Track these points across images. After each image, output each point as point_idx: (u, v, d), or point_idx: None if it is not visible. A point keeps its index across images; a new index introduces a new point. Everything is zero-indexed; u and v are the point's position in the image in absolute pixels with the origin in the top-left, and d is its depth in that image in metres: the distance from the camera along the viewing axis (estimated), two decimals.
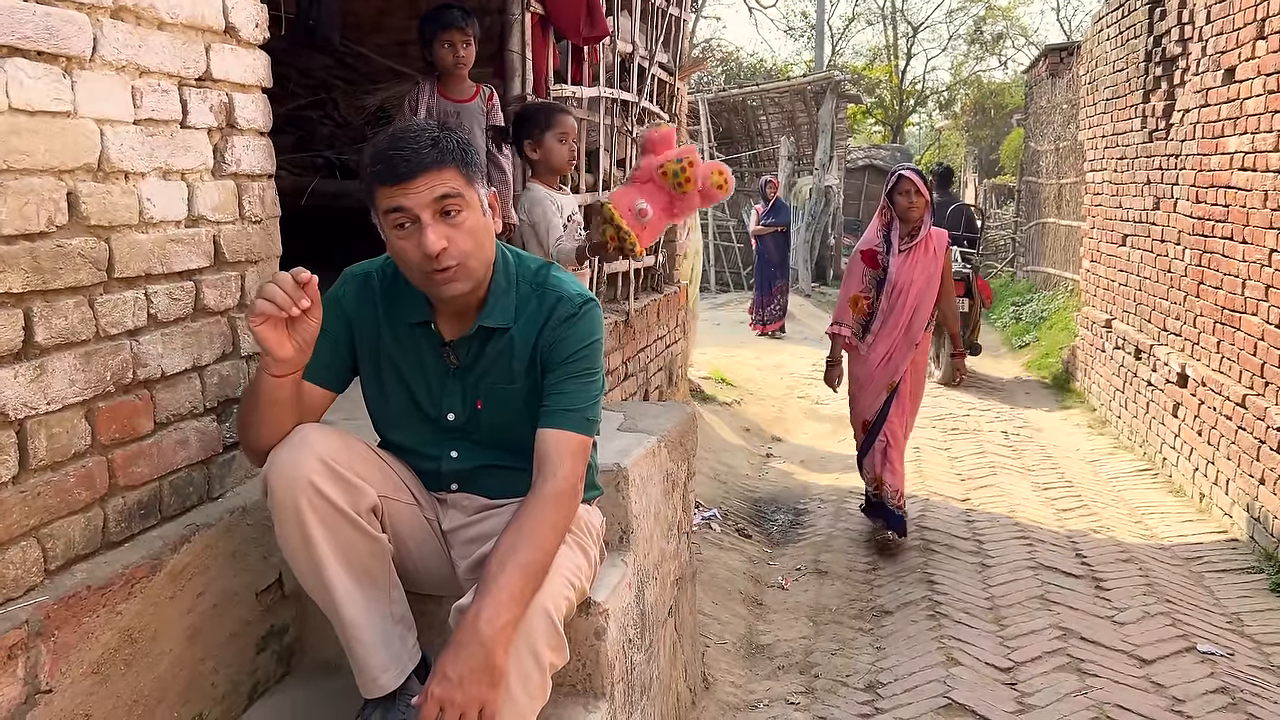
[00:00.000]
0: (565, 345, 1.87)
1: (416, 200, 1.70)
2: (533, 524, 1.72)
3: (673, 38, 5.72)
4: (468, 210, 1.76)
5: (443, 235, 1.72)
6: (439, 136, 1.74)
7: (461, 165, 1.75)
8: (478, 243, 1.78)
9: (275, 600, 2.13)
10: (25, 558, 1.57)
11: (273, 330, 1.67)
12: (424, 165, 1.70)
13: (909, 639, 3.70)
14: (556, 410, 1.84)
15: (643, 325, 5.18)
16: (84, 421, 1.68)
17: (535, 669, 1.67)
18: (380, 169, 1.71)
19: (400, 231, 1.73)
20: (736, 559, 4.54)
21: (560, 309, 1.88)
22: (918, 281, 4.54)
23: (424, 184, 1.70)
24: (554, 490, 1.77)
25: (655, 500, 2.63)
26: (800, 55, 33.27)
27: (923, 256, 4.57)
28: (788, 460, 6.56)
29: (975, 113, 31.35)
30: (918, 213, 4.54)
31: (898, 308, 4.55)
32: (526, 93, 3.89)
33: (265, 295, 1.65)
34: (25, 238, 1.54)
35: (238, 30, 2.02)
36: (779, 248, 11.81)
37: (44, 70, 1.57)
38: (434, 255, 1.70)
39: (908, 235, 4.58)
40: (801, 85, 15.87)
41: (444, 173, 1.72)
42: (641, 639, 2.41)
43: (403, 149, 1.70)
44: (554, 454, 1.80)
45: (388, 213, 1.72)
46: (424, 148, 1.71)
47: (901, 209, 4.54)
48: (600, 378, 1.93)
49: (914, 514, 5.13)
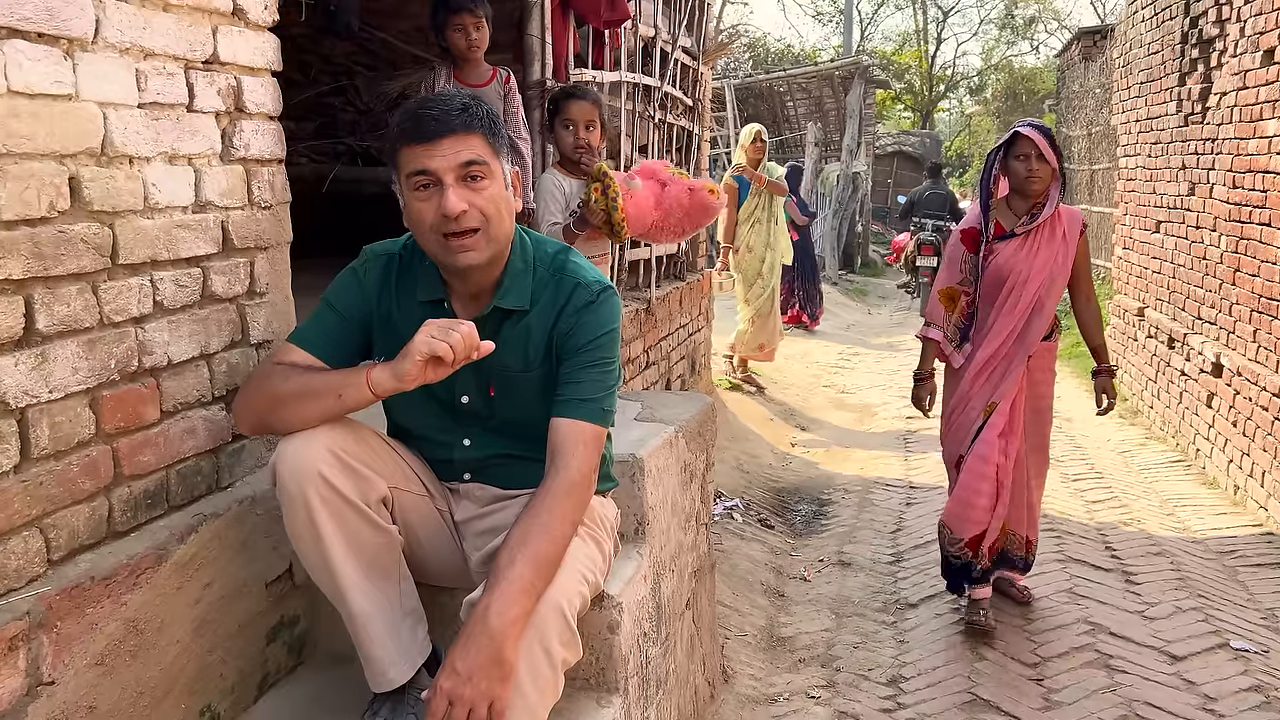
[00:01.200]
0: (582, 333, 1.83)
1: (442, 163, 1.68)
2: (545, 516, 1.68)
3: (696, 22, 5.65)
4: (491, 179, 1.73)
5: (464, 198, 1.69)
6: (469, 104, 1.74)
7: (489, 135, 1.73)
8: (498, 212, 1.75)
9: (286, 591, 2.11)
10: (27, 548, 1.55)
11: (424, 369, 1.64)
12: (452, 128, 1.68)
13: (933, 633, 3.64)
14: (571, 400, 1.80)
15: (664, 313, 5.13)
16: (88, 410, 1.65)
17: (546, 664, 1.63)
18: (409, 127, 1.69)
19: (421, 193, 1.70)
20: (758, 550, 4.49)
21: (578, 296, 1.84)
22: (1037, 275, 3.50)
23: (450, 147, 1.68)
24: (567, 481, 1.73)
25: (672, 491, 2.58)
26: (828, 40, 33.00)
27: (1046, 242, 3.52)
28: (812, 450, 6.49)
29: (1006, 98, 30.97)
30: (1041, 184, 3.46)
31: (1007, 308, 3.52)
32: (546, 77, 3.84)
33: (444, 339, 1.61)
34: (26, 223, 1.52)
35: (246, 12, 1.98)
36: (802, 241, 10.98)
37: (44, 52, 1.54)
38: (453, 216, 1.68)
39: (1027, 214, 3.53)
40: (829, 71, 15.71)
41: (471, 138, 1.70)
42: (657, 632, 2.37)
43: (432, 109, 1.70)
44: (568, 444, 1.76)
45: (411, 175, 1.70)
46: (454, 111, 1.70)
47: (1018, 178, 3.49)
48: (617, 367, 1.89)
49: (939, 506, 5.04)
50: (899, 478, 5.69)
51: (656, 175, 3.43)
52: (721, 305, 7.81)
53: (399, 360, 1.65)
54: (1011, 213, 3.58)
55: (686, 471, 2.72)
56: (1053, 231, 3.53)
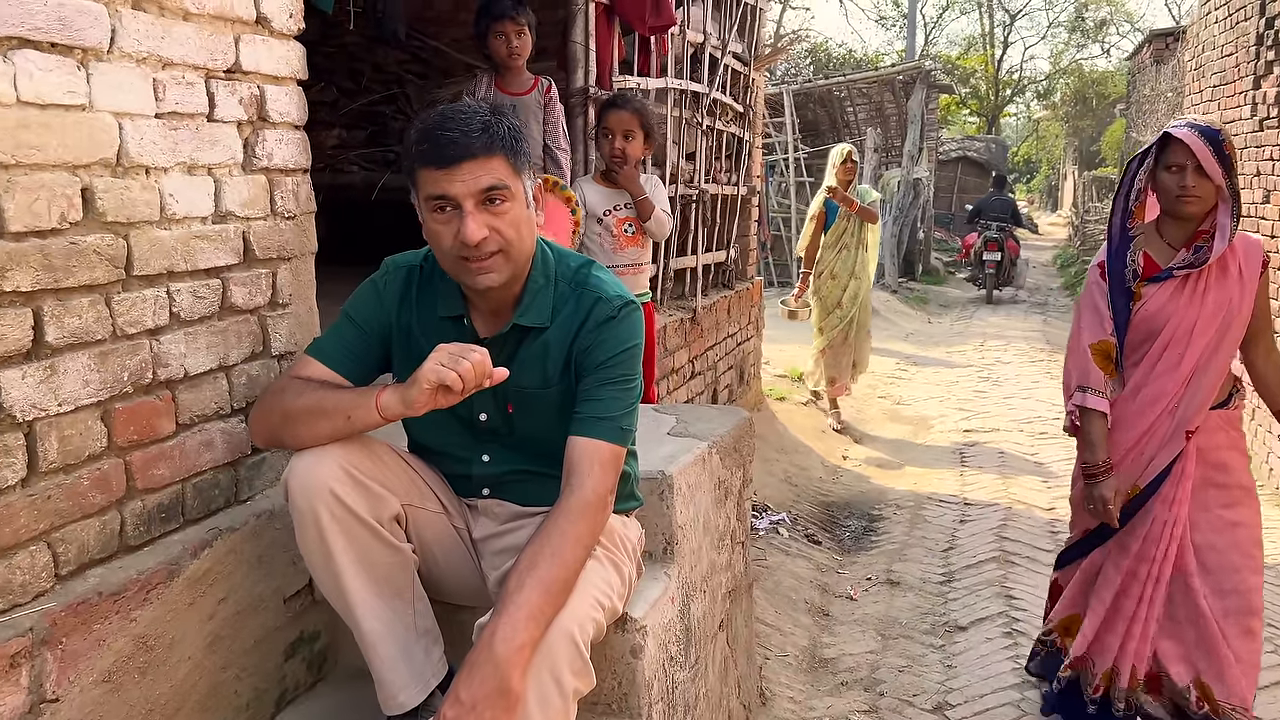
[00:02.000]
0: (602, 349, 1.77)
1: (461, 189, 1.62)
2: (556, 538, 1.62)
3: (748, 27, 5.57)
4: (512, 201, 1.68)
5: (484, 224, 1.64)
6: (490, 121, 1.65)
7: (510, 154, 1.67)
8: (519, 234, 1.69)
9: (305, 606, 2.08)
10: (34, 563, 1.53)
11: (433, 396, 1.59)
12: (472, 152, 1.62)
13: (982, 658, 3.51)
14: (589, 418, 1.74)
15: (711, 322, 5.05)
16: (99, 423, 1.63)
17: (556, 694, 1.57)
18: (426, 149, 1.63)
19: (439, 215, 1.65)
20: (804, 566, 4.38)
21: (598, 310, 1.78)
22: (1206, 326, 2.64)
23: (470, 172, 1.62)
24: (580, 502, 1.67)
25: (705, 509, 2.51)
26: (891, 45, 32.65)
27: (1217, 283, 2.64)
28: (865, 463, 6.35)
29: (1076, 102, 30.32)
30: (1198, 205, 2.61)
31: (1161, 368, 2.68)
32: (590, 85, 3.80)
33: (453, 367, 1.56)
34: (35, 235, 1.50)
35: (270, 21, 1.96)
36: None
37: (56, 62, 1.52)
38: (473, 244, 1.63)
39: (1187, 245, 2.66)
40: (890, 76, 15.47)
41: (492, 161, 1.64)
42: (685, 655, 2.30)
43: (451, 130, 1.62)
44: (583, 464, 1.70)
45: (430, 199, 1.65)
46: (474, 132, 1.62)
47: (1168, 197, 2.65)
48: (638, 384, 1.83)
49: (995, 524, 4.90)
50: (953, 493, 5.53)
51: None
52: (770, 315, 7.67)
53: (408, 386, 1.60)
54: (1164, 243, 2.71)
55: (721, 488, 2.64)
56: (1224, 269, 2.64)
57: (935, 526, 4.99)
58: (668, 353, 4.39)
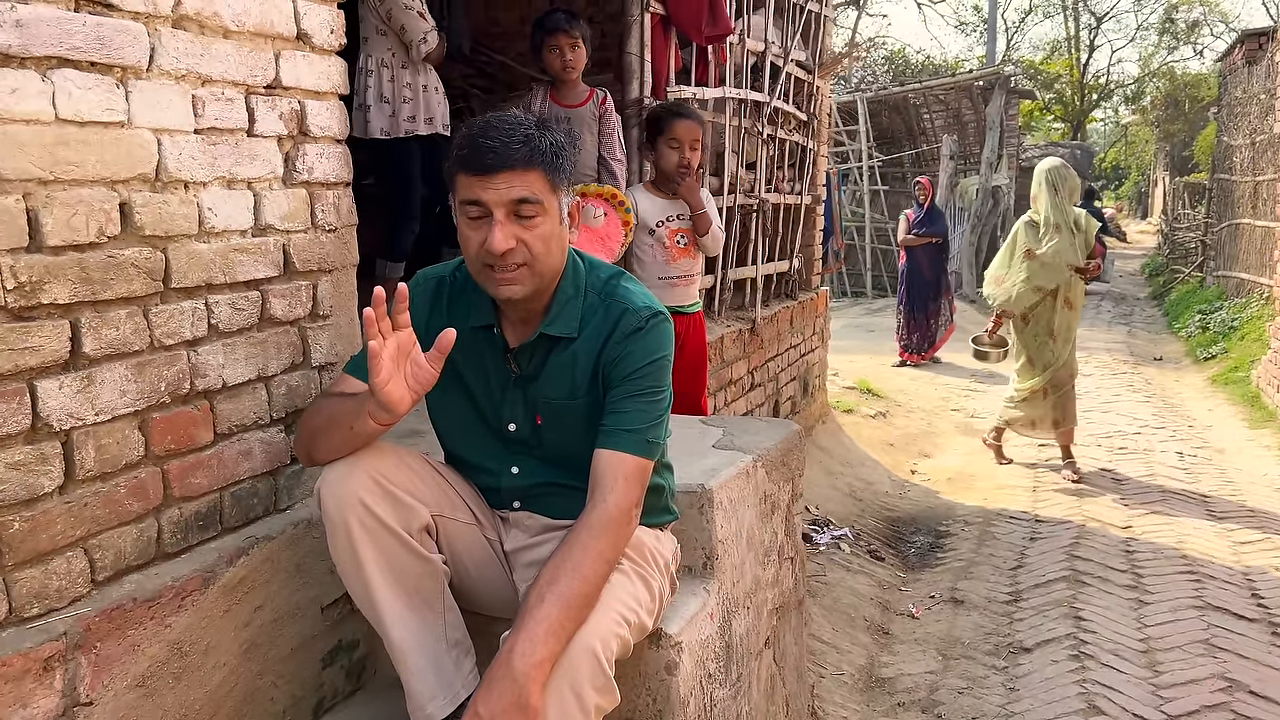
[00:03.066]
0: (629, 361, 1.75)
1: (494, 196, 1.64)
2: (578, 553, 1.61)
3: (813, 34, 5.51)
4: (544, 216, 1.68)
5: (511, 235, 1.65)
6: (533, 134, 1.66)
7: (549, 169, 1.67)
8: (546, 249, 1.70)
9: (344, 615, 2.09)
10: (70, 568, 1.57)
11: (396, 388, 1.61)
12: (509, 163, 1.63)
13: (1046, 680, 3.38)
14: (615, 430, 1.73)
15: (772, 333, 4.99)
16: (136, 432, 1.67)
17: (578, 710, 1.55)
18: (466, 154, 1.65)
19: (471, 221, 1.67)
20: (864, 583, 4.29)
21: (625, 322, 1.77)
22: None
23: (504, 182, 1.63)
24: (603, 517, 1.65)
25: (749, 524, 2.46)
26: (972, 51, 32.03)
27: None
28: (934, 478, 6.20)
29: (1167, 106, 29.36)
30: None
31: None
32: (645, 95, 3.79)
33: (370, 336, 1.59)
34: (73, 249, 1.54)
35: (310, 37, 1.99)
36: (934, 263, 9.82)
37: (95, 80, 1.57)
38: (497, 254, 1.64)
39: None
40: (968, 81, 15.17)
41: (528, 175, 1.65)
42: (725, 673, 2.26)
43: (493, 139, 1.64)
44: (607, 477, 1.69)
45: (463, 203, 1.67)
46: (515, 144, 1.64)
47: None
48: (666, 396, 1.80)
49: (1066, 542, 4.73)
50: (1024, 510, 5.36)
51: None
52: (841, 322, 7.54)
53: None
54: None
55: (767, 503, 2.60)
56: None
57: (1004, 544, 4.84)
58: (725, 364, 4.35)
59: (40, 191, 1.49)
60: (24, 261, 1.47)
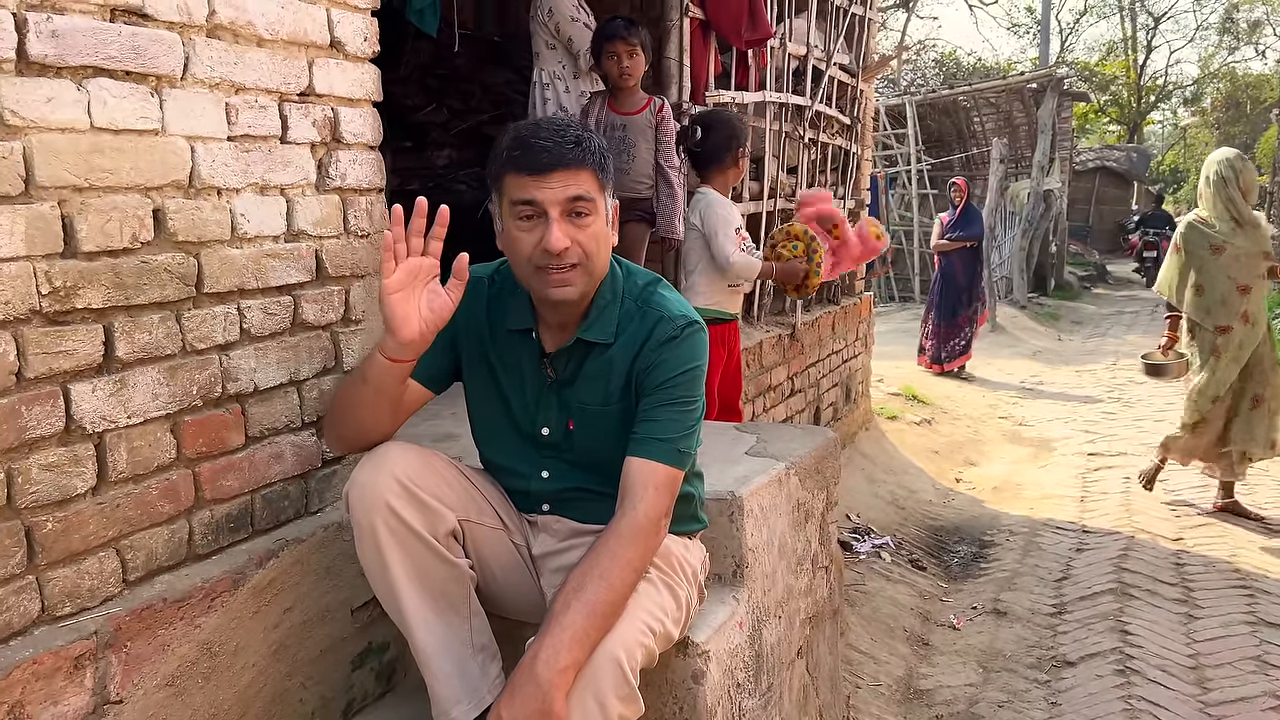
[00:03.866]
0: (663, 369, 1.75)
1: (549, 195, 1.64)
2: (605, 560, 1.60)
3: (856, 38, 5.46)
4: (595, 216, 1.69)
5: (567, 234, 1.65)
6: (583, 136, 1.68)
7: (599, 170, 1.69)
8: (597, 249, 1.70)
9: (374, 617, 2.10)
10: (102, 568, 1.60)
11: (403, 303, 1.62)
12: (564, 161, 1.64)
13: (1090, 696, 3.30)
14: (646, 439, 1.72)
15: (813, 339, 4.95)
16: (168, 435, 1.70)
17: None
18: (518, 155, 1.65)
19: (524, 223, 1.67)
20: (905, 593, 4.23)
21: (660, 330, 1.76)
22: None
23: (559, 180, 1.64)
24: (632, 525, 1.64)
25: (781, 532, 2.44)
26: (1025, 53, 31.52)
27: None
28: (979, 486, 6.11)
29: (1227, 108, 28.70)
30: None
31: None
32: (684, 100, 3.78)
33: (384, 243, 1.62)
34: (107, 254, 1.57)
35: (344, 45, 2.01)
36: (967, 267, 9.41)
37: (130, 89, 1.59)
38: (556, 252, 1.64)
39: None
40: (1019, 84, 14.94)
41: (581, 173, 1.66)
42: (755, 683, 2.24)
43: (546, 140, 1.64)
44: (638, 486, 1.68)
45: (516, 204, 1.66)
46: (567, 143, 1.65)
47: None
48: (699, 406, 1.79)
49: (1114, 554, 4.63)
50: (1072, 520, 5.26)
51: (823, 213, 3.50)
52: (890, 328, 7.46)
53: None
54: None
55: (800, 511, 2.57)
56: None
57: (1050, 555, 4.75)
58: (764, 369, 4.32)
59: (75, 198, 1.52)
60: (59, 267, 1.50)
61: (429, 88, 5.76)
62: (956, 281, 9.33)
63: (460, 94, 5.79)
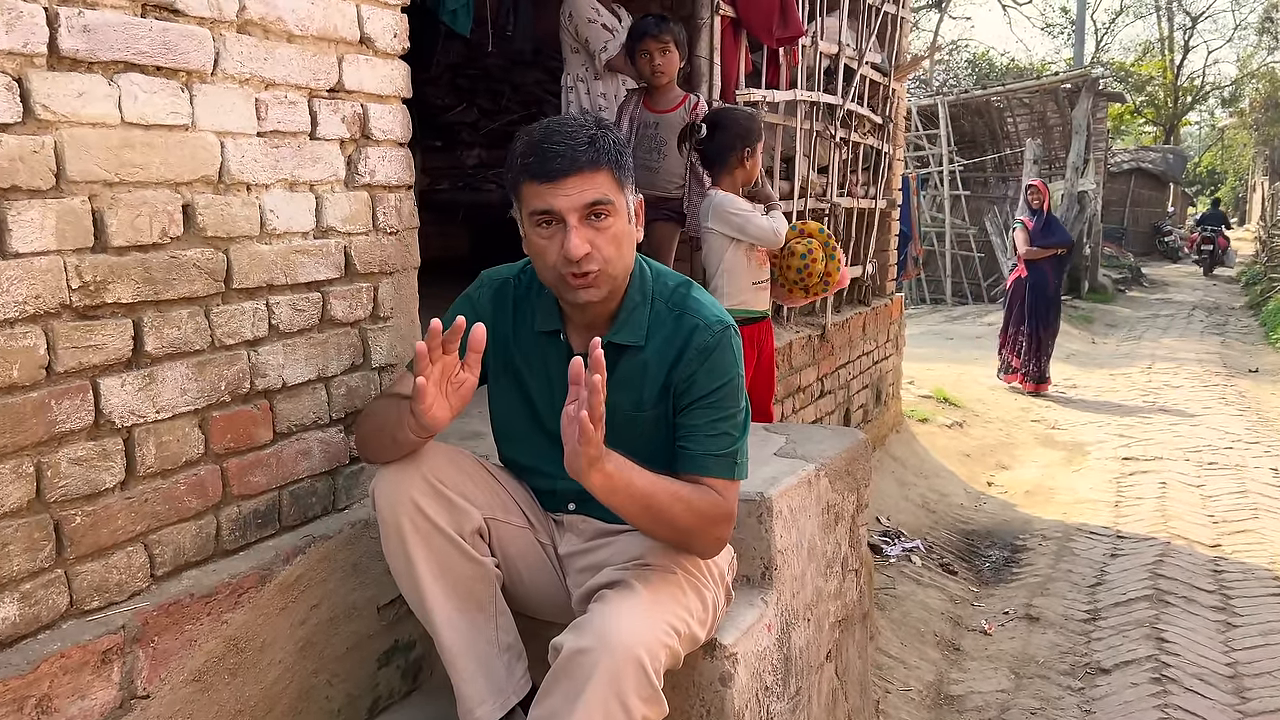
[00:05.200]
0: (708, 379, 1.72)
1: (565, 203, 1.61)
2: (685, 501, 1.65)
3: (889, 36, 5.41)
4: (615, 216, 1.66)
5: (586, 239, 1.62)
6: (596, 135, 1.64)
7: (615, 168, 1.66)
8: (619, 250, 1.67)
9: (400, 615, 2.10)
10: (130, 563, 1.60)
11: (440, 410, 1.61)
12: (578, 166, 1.61)
13: (1125, 704, 3.24)
14: (702, 455, 1.72)
15: (843, 340, 4.90)
16: (196, 430, 1.70)
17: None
18: (532, 162, 1.62)
19: (543, 230, 1.65)
20: (935, 597, 4.18)
21: (698, 338, 1.73)
22: None
23: (575, 186, 1.61)
24: (724, 509, 1.70)
25: (811, 534, 2.41)
26: (1059, 53, 31.20)
27: None
28: (1011, 490, 6.03)
29: (1266, 108, 28.24)
30: None
31: None
32: (714, 98, 3.76)
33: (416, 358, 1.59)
34: (137, 249, 1.57)
35: (374, 41, 2.01)
36: (1057, 275, 8.78)
37: (161, 85, 1.60)
38: (576, 259, 1.62)
39: None
40: (1053, 84, 14.77)
41: (597, 176, 1.63)
42: (783, 686, 2.21)
43: (558, 144, 1.61)
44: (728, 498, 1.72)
45: (534, 214, 1.64)
46: (580, 146, 1.61)
47: None
48: (745, 408, 1.77)
49: (1150, 559, 4.55)
50: (1106, 525, 5.18)
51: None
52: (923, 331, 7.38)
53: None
54: None
55: (830, 513, 2.54)
56: None
57: (1084, 560, 4.68)
58: (794, 370, 4.28)
59: (105, 193, 1.52)
60: (89, 261, 1.50)
61: (459, 87, 5.77)
62: (1047, 291, 8.63)
63: (490, 94, 5.80)
